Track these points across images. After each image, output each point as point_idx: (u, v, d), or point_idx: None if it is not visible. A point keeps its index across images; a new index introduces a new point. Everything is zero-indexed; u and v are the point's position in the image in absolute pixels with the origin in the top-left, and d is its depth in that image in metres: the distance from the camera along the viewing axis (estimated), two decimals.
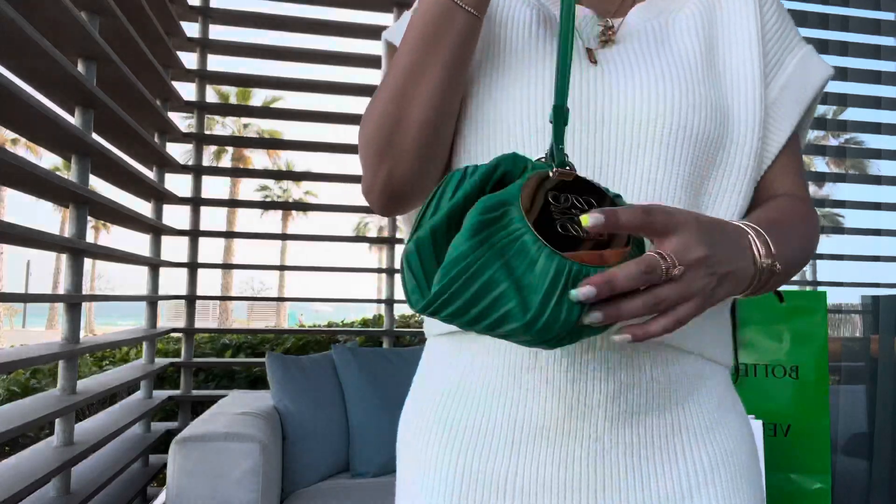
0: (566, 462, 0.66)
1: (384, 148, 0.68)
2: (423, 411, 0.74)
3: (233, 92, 22.44)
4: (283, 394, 2.28)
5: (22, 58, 1.49)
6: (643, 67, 0.69)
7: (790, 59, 0.76)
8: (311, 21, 2.98)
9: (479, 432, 0.68)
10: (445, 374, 0.73)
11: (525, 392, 0.67)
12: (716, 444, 0.69)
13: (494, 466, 0.67)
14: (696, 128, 0.67)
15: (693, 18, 0.74)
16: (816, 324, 1.77)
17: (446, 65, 0.65)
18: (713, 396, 0.71)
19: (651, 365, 0.67)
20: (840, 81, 2.94)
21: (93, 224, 24.99)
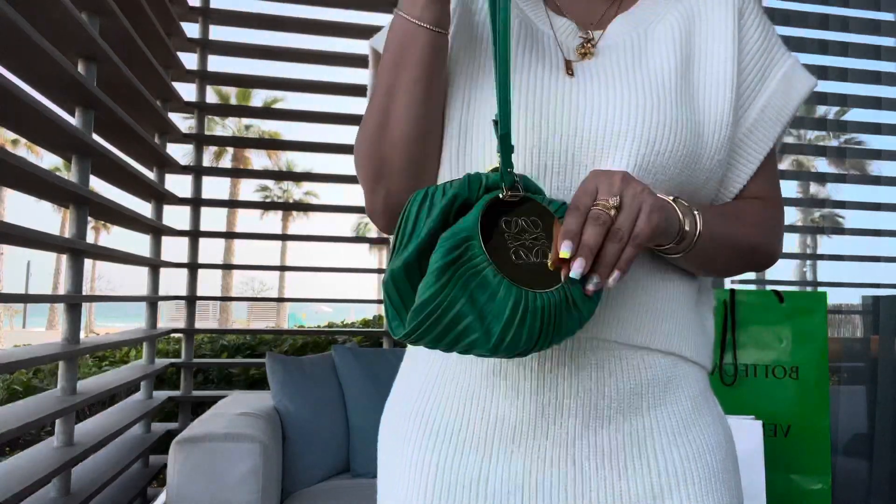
0: (538, 464, 0.67)
1: (378, 169, 0.70)
2: (399, 413, 0.75)
3: (233, 92, 22.44)
4: (283, 394, 2.28)
5: (22, 58, 1.49)
6: (617, 82, 0.70)
7: (774, 74, 0.77)
8: (311, 21, 2.98)
9: (452, 433, 0.70)
10: (422, 376, 0.74)
11: (498, 395, 0.68)
12: (689, 446, 0.69)
13: (468, 467, 0.68)
14: (664, 145, 0.68)
15: (672, 30, 0.74)
16: (816, 324, 1.77)
17: (419, 81, 0.67)
18: (687, 399, 0.72)
19: (621, 369, 0.68)
20: (840, 82, 2.94)
21: (93, 224, 24.99)
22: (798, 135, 3.41)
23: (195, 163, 2.94)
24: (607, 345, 0.68)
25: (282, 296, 21.85)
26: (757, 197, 0.78)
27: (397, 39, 0.68)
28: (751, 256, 0.75)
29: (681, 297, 0.73)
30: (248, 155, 26.12)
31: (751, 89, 0.76)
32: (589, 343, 0.67)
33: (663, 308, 0.71)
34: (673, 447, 0.69)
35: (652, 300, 0.70)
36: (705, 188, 0.73)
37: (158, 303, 2.67)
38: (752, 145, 0.76)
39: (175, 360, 2.80)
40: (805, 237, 6.09)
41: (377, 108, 0.69)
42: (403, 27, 0.67)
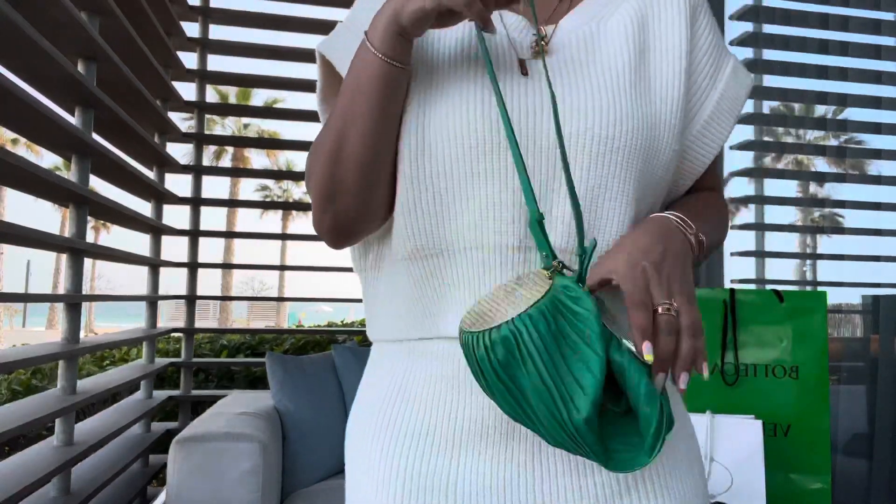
0: (506, 463, 0.67)
1: (331, 191, 0.70)
2: (367, 415, 0.75)
3: (233, 92, 22.44)
4: (283, 394, 2.28)
5: (22, 58, 1.49)
6: (572, 79, 0.70)
7: (725, 68, 0.79)
8: (311, 21, 2.98)
9: (420, 435, 0.70)
10: (387, 382, 0.74)
11: (465, 398, 0.68)
12: None
13: (436, 468, 0.69)
14: (622, 141, 0.68)
15: (625, 24, 0.75)
16: (816, 324, 1.77)
17: (375, 109, 0.67)
18: None
19: None
20: (840, 81, 2.94)
21: (93, 224, 24.99)
22: (798, 135, 3.41)
23: (195, 162, 2.94)
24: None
25: (282, 295, 21.85)
26: (709, 188, 0.82)
27: (359, 67, 0.68)
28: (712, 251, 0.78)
29: None
30: (247, 154, 26.13)
31: (706, 83, 0.77)
32: None
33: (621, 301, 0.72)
34: None
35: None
36: (663, 179, 0.74)
37: (158, 302, 2.67)
38: (710, 137, 0.78)
39: (175, 360, 2.80)
40: (805, 237, 6.03)
41: (333, 133, 0.70)
42: (366, 57, 0.67)
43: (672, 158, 0.74)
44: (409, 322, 0.73)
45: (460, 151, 0.68)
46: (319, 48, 0.83)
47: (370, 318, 0.82)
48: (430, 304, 0.71)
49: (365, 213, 0.72)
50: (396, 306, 0.75)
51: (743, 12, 2.62)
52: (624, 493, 0.68)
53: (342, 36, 0.81)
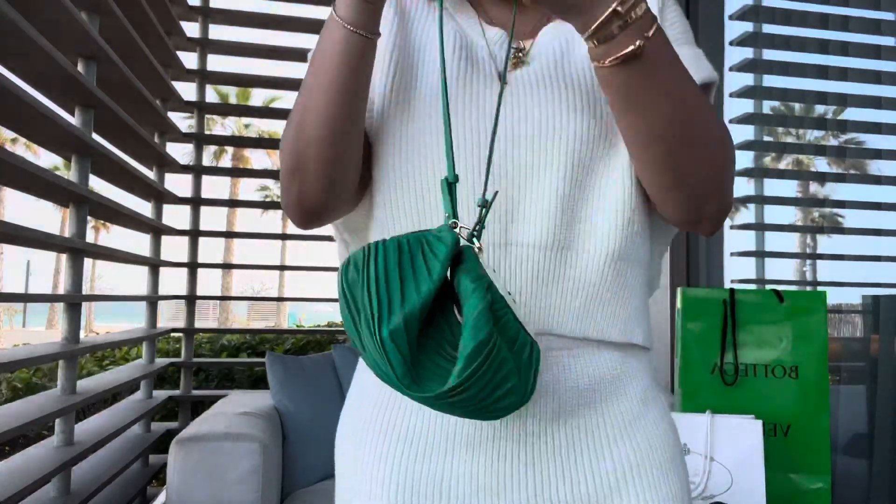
0: (499, 464, 0.68)
1: (293, 167, 0.69)
2: (358, 420, 0.75)
3: (233, 92, 22.43)
4: (283, 394, 2.28)
5: (22, 58, 1.49)
6: (548, 85, 0.73)
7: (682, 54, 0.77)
8: (311, 21, 2.98)
9: (413, 438, 0.70)
10: (378, 384, 0.74)
11: None
12: (640, 438, 0.71)
13: (430, 471, 0.69)
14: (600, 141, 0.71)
15: None
16: (816, 324, 1.77)
17: (335, 82, 0.66)
18: (637, 391, 0.74)
19: (576, 364, 0.70)
20: (840, 81, 2.94)
21: (93, 224, 24.99)
22: (798, 134, 3.41)
23: (195, 162, 2.94)
24: (563, 341, 0.70)
25: (282, 295, 21.85)
26: None
27: (323, 38, 0.67)
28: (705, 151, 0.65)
29: (632, 284, 0.74)
30: (247, 154, 26.12)
31: None
32: (548, 341, 0.69)
33: (615, 297, 0.72)
34: (624, 439, 0.71)
35: (603, 290, 0.71)
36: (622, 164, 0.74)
37: (158, 302, 2.67)
38: None
39: (175, 360, 2.80)
40: (805, 237, 6.02)
41: (297, 106, 0.69)
42: (330, 27, 0.66)
43: None
44: None
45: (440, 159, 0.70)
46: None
47: None
48: None
49: (329, 192, 0.70)
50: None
51: (743, 12, 2.62)
52: (615, 493, 0.68)
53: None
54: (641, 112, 0.62)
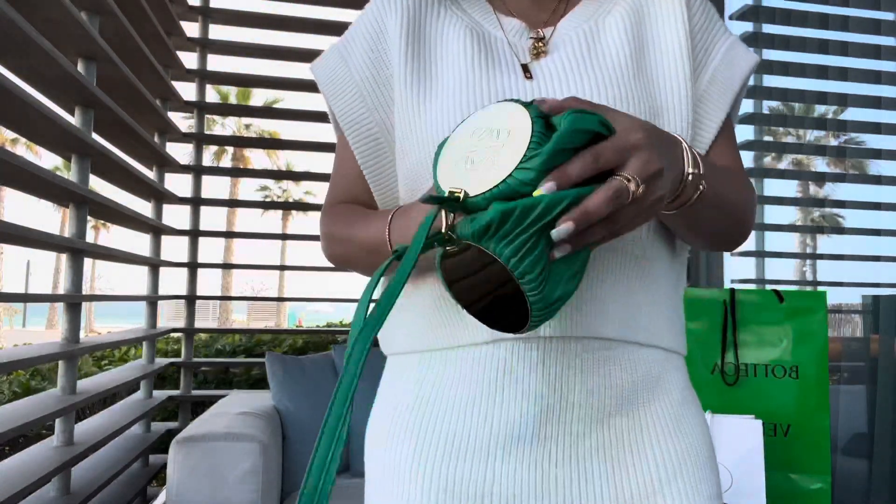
0: (542, 465, 0.67)
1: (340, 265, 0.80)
2: (393, 423, 0.73)
3: (233, 92, 22.44)
4: (283, 394, 2.28)
5: (22, 58, 1.49)
6: (575, 78, 0.70)
7: (717, 51, 0.77)
8: (311, 21, 2.98)
9: (453, 442, 0.69)
10: (414, 386, 0.73)
11: (500, 401, 0.67)
12: (681, 439, 0.71)
13: (471, 475, 0.67)
14: None
15: (622, 19, 0.75)
16: (816, 324, 1.77)
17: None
18: (676, 392, 0.73)
19: (620, 367, 0.69)
20: (840, 81, 2.94)
21: (93, 224, 24.98)
22: (798, 134, 3.41)
23: (195, 162, 2.94)
24: (608, 343, 0.68)
25: (282, 295, 21.85)
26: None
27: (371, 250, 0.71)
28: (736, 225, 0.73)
29: (664, 287, 0.73)
30: (247, 154, 26.12)
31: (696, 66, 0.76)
32: (591, 343, 0.68)
33: (651, 301, 0.71)
34: (667, 441, 0.70)
35: (641, 294, 0.71)
36: None
37: (158, 302, 2.67)
38: (704, 117, 0.76)
39: (175, 360, 2.80)
40: (805, 237, 6.02)
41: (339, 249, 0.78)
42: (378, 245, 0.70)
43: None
44: (432, 332, 0.72)
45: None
46: (311, 69, 0.84)
47: (384, 333, 0.81)
48: (452, 312, 0.70)
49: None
50: (413, 318, 0.74)
51: (743, 12, 2.62)
52: (658, 493, 0.67)
53: (329, 58, 0.82)
54: (697, 229, 0.70)
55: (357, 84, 0.78)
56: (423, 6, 0.78)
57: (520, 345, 0.67)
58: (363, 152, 0.78)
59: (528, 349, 0.67)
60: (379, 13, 0.78)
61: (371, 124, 0.77)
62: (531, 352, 0.67)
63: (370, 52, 0.78)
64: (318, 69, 0.83)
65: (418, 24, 0.76)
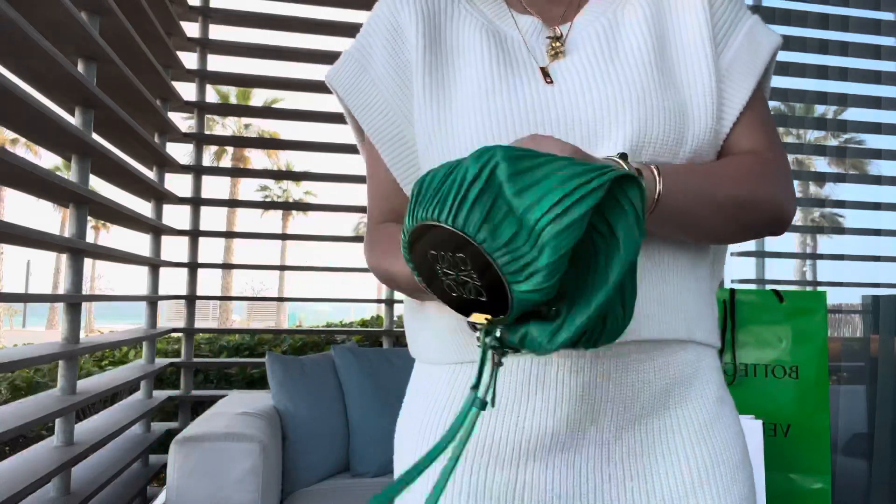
0: (574, 470, 0.66)
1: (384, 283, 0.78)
2: (424, 425, 0.73)
3: (233, 92, 22.44)
4: (283, 394, 2.28)
5: (22, 58, 1.49)
6: (596, 79, 0.68)
7: (738, 31, 0.75)
8: (310, 21, 2.98)
9: (485, 447, 0.68)
10: (445, 392, 0.72)
11: (532, 408, 0.66)
12: (714, 441, 0.69)
13: (502, 479, 0.67)
14: (654, 133, 0.67)
15: (642, 10, 0.73)
16: (816, 324, 1.77)
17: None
18: (712, 392, 0.72)
19: (655, 370, 0.68)
20: (840, 81, 2.94)
21: (93, 224, 24.98)
22: (798, 134, 3.41)
23: (195, 162, 2.94)
24: (641, 345, 0.67)
25: (282, 295, 21.84)
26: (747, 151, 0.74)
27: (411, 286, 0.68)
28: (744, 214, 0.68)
29: (698, 281, 0.72)
30: (247, 154, 26.12)
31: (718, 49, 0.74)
32: (627, 346, 0.66)
33: (685, 297, 0.70)
34: (700, 443, 0.69)
35: (674, 290, 0.69)
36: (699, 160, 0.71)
37: (158, 302, 2.67)
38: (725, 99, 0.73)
39: (175, 360, 2.80)
40: (805, 237, 6.05)
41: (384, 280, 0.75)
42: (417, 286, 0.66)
43: (712, 139, 0.70)
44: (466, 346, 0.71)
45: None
46: (327, 79, 0.81)
47: (415, 341, 0.80)
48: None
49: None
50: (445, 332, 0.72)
51: None
52: (690, 496, 0.67)
53: (348, 67, 0.79)
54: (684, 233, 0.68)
55: (384, 97, 0.75)
56: (436, 5, 0.75)
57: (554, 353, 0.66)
58: (398, 164, 0.75)
59: (562, 356, 0.66)
60: (392, 15, 0.76)
61: (403, 135, 0.75)
62: (565, 359, 0.66)
63: (390, 59, 0.75)
64: (336, 79, 0.79)
65: (433, 25, 0.74)
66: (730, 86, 0.73)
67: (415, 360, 0.82)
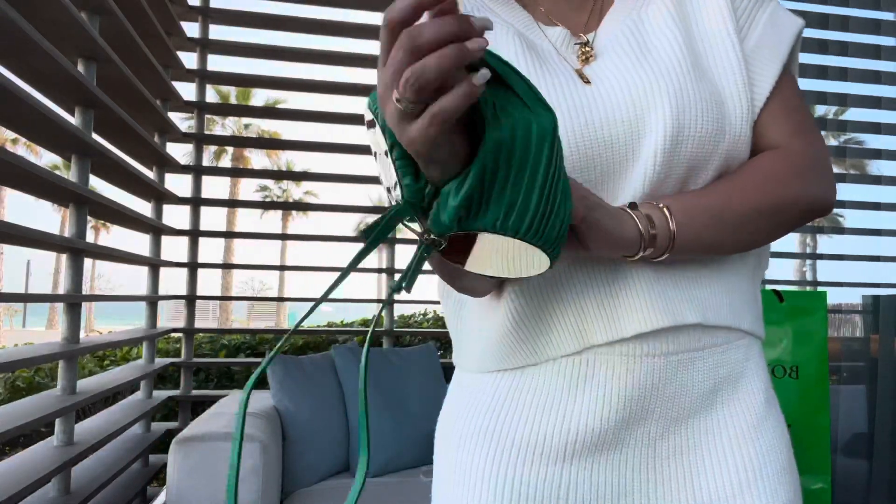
0: (619, 469, 0.66)
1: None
2: (466, 425, 0.73)
3: (233, 92, 22.44)
4: (283, 394, 2.28)
5: (22, 58, 1.49)
6: (633, 76, 0.68)
7: (760, 17, 0.75)
8: (311, 21, 2.98)
9: (529, 446, 0.68)
10: (490, 392, 0.72)
11: (579, 407, 0.67)
12: (762, 441, 0.69)
13: (546, 478, 0.67)
14: (693, 126, 0.66)
15: (664, 8, 0.73)
16: (816, 324, 1.77)
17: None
18: (761, 388, 0.71)
19: (705, 369, 0.68)
20: (840, 81, 2.94)
21: (93, 224, 24.99)
22: None
23: (195, 162, 2.94)
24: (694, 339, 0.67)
25: (282, 295, 21.84)
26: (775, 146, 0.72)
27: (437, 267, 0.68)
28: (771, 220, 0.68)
29: (743, 269, 0.72)
30: (247, 154, 26.13)
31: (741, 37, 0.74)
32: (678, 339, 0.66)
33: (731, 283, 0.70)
34: (747, 443, 0.68)
35: (720, 276, 0.69)
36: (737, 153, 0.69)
37: (158, 302, 2.67)
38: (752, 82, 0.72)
39: (175, 360, 2.80)
40: (805, 237, 6.02)
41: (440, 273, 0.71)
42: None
43: (749, 132, 0.69)
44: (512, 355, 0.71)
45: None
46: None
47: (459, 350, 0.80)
48: (535, 328, 0.69)
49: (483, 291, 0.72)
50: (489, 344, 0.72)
51: None
52: (737, 496, 0.66)
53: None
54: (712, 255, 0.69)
55: None
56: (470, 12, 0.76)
57: (603, 351, 0.66)
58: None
59: (611, 355, 0.66)
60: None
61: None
62: (615, 357, 0.66)
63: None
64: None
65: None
66: (755, 72, 0.72)
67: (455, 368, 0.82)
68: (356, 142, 3.02)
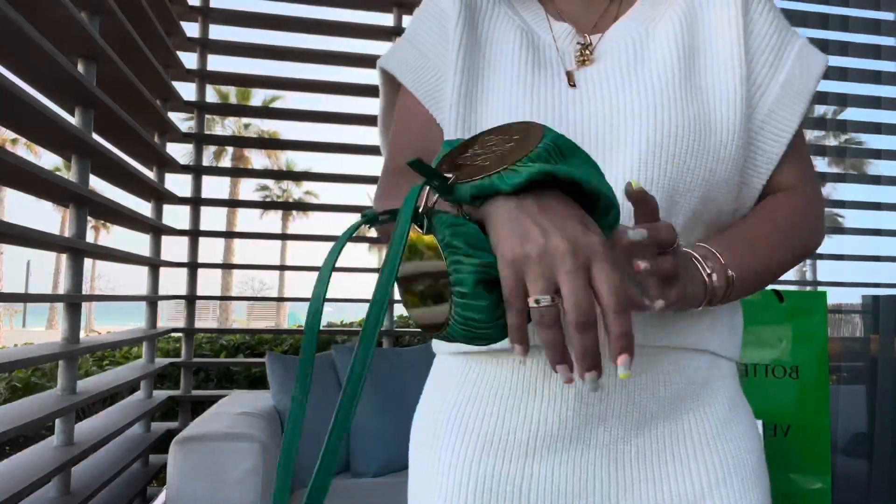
0: (581, 468, 0.67)
1: None
2: (436, 416, 0.74)
3: (233, 92, 22.44)
4: (283, 394, 2.28)
5: (22, 58, 1.49)
6: (618, 87, 0.69)
7: (788, 53, 0.74)
8: (311, 21, 2.98)
9: (492, 440, 0.69)
10: (457, 384, 0.73)
11: (541, 402, 0.67)
12: (727, 447, 0.69)
13: (509, 474, 0.68)
14: (670, 146, 0.66)
15: (673, 25, 0.73)
16: (816, 324, 1.77)
17: None
18: (724, 399, 0.72)
19: (666, 372, 0.68)
20: (840, 81, 2.94)
21: (93, 224, 24.99)
22: None
23: (195, 162, 2.94)
24: (654, 350, 0.67)
25: (282, 295, 21.86)
26: (787, 187, 0.74)
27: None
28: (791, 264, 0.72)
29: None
30: (247, 154, 26.12)
31: (767, 70, 0.73)
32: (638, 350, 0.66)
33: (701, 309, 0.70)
34: (712, 448, 0.69)
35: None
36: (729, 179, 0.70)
37: (158, 302, 2.67)
38: (777, 125, 0.72)
39: (175, 360, 2.80)
40: None
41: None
42: None
43: (736, 156, 0.69)
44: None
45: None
46: (382, 64, 0.82)
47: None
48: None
49: None
50: None
51: None
52: (699, 498, 0.66)
53: (404, 51, 0.80)
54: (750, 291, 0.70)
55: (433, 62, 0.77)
56: (476, 2, 0.78)
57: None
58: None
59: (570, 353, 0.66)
60: (435, 4, 0.79)
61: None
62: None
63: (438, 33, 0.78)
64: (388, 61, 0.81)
65: (473, 18, 0.77)
66: (782, 111, 0.73)
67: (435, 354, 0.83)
68: (356, 142, 3.02)
